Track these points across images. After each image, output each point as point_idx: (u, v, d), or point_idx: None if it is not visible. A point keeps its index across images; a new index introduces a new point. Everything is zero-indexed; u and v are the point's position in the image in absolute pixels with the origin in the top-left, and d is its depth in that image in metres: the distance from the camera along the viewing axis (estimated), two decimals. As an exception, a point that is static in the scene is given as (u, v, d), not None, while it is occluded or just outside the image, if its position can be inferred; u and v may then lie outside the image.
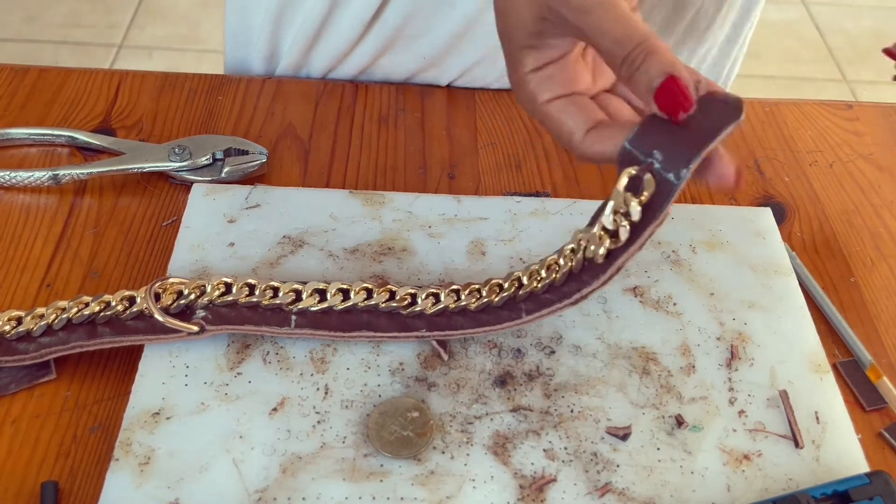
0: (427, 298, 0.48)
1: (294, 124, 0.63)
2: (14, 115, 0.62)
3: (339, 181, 0.59)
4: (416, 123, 0.64)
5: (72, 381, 0.47)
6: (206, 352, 0.47)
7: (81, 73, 0.66)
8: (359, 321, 0.48)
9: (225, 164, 0.58)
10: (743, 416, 0.46)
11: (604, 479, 0.43)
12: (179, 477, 0.42)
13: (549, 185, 0.60)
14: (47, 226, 0.55)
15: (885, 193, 0.61)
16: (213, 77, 0.66)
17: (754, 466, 0.44)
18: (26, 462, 0.43)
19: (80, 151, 0.60)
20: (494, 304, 0.48)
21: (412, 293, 0.48)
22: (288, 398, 0.45)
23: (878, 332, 0.52)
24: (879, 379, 0.49)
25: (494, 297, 0.48)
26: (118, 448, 0.43)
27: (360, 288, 0.49)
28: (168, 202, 0.57)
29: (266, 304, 0.48)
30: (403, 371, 0.47)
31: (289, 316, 0.48)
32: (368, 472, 0.43)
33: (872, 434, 0.47)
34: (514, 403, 0.46)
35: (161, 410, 0.44)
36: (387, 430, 0.44)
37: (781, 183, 0.61)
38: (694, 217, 0.56)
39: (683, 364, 0.48)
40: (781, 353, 0.49)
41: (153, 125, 0.62)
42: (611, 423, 0.45)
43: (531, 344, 0.49)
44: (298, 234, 0.53)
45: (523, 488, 0.43)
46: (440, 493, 0.42)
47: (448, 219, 0.55)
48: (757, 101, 0.68)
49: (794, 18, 0.82)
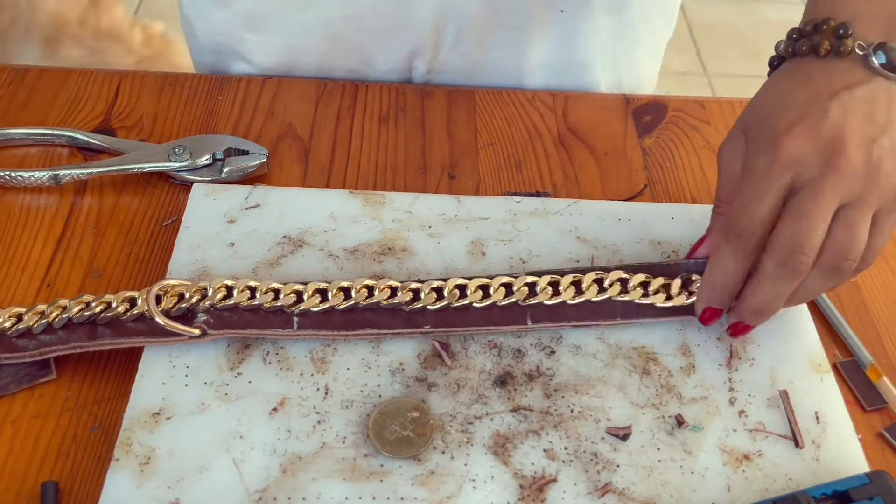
0: (430, 293, 0.48)
1: (294, 124, 0.63)
2: (14, 115, 0.62)
3: (339, 181, 0.59)
4: (416, 123, 0.64)
5: (72, 381, 0.47)
6: (207, 352, 0.47)
7: (82, 73, 0.66)
8: (362, 319, 0.48)
9: (225, 164, 0.58)
10: (743, 416, 0.46)
11: (604, 479, 0.43)
12: (180, 477, 0.42)
13: (549, 185, 0.60)
14: (48, 226, 0.55)
15: (885, 193, 0.61)
16: (213, 77, 0.66)
17: (754, 466, 0.44)
18: (26, 462, 0.43)
19: (81, 151, 0.60)
20: (499, 304, 0.48)
21: (414, 289, 0.49)
22: (288, 398, 0.45)
23: (878, 332, 0.52)
24: (879, 379, 0.49)
25: (500, 299, 0.48)
26: (118, 448, 0.43)
27: (361, 286, 0.49)
28: (168, 202, 0.57)
29: (268, 306, 0.48)
30: (404, 371, 0.47)
31: (291, 318, 0.48)
32: (369, 472, 0.43)
33: (872, 434, 0.47)
34: (515, 403, 0.46)
35: (161, 410, 0.44)
36: (387, 430, 0.44)
37: (781, 183, 0.61)
38: (694, 217, 0.56)
39: (684, 364, 0.48)
40: (781, 353, 0.49)
41: (153, 125, 0.62)
42: (611, 423, 0.45)
43: (531, 344, 0.49)
44: (298, 234, 0.53)
45: (523, 488, 0.43)
46: (440, 493, 0.42)
47: (448, 219, 0.55)
48: (757, 101, 0.68)
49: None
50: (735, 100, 0.68)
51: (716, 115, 0.66)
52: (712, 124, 0.66)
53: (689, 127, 0.65)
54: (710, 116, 0.66)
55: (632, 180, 0.61)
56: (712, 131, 0.65)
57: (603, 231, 0.55)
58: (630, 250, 0.54)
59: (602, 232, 0.55)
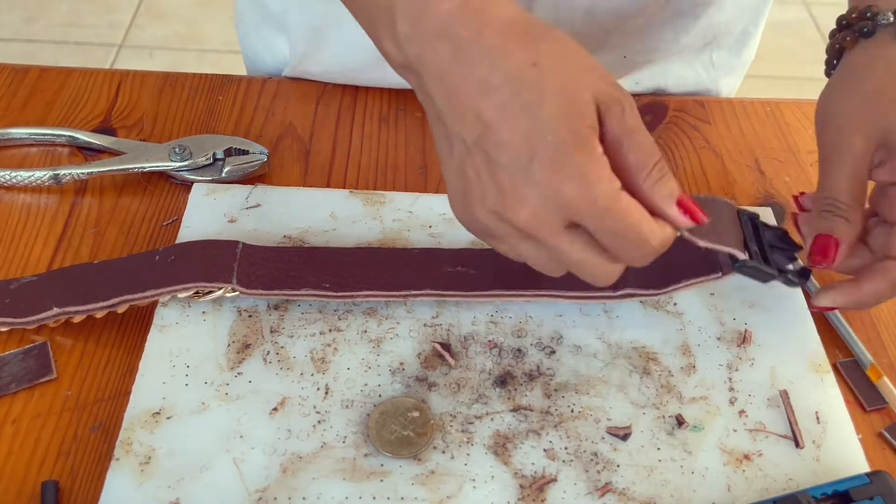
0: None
1: (294, 124, 0.63)
2: (15, 115, 0.62)
3: (339, 181, 0.59)
4: (416, 123, 0.64)
5: (72, 380, 0.47)
6: (207, 351, 0.47)
7: (82, 72, 0.66)
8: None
9: (225, 163, 0.58)
10: (743, 416, 0.46)
11: (604, 479, 0.43)
12: (180, 476, 0.42)
13: (549, 185, 0.60)
14: (48, 225, 0.55)
15: (885, 193, 0.61)
16: (213, 77, 0.66)
17: (754, 466, 0.44)
18: (27, 462, 0.43)
19: (81, 151, 0.60)
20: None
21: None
22: (288, 398, 0.45)
23: (879, 332, 0.52)
24: (880, 379, 0.49)
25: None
26: (119, 448, 0.43)
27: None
28: (168, 202, 0.57)
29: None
30: (404, 371, 0.47)
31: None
32: (369, 472, 0.43)
33: (873, 434, 0.47)
34: (515, 403, 0.46)
35: (161, 410, 0.44)
36: (387, 429, 0.44)
37: (782, 182, 0.61)
38: (694, 217, 0.56)
39: (684, 364, 0.48)
40: (782, 352, 0.49)
41: (153, 125, 0.62)
42: (611, 423, 0.45)
43: (531, 344, 0.49)
44: (298, 234, 0.53)
45: (524, 488, 0.43)
46: (440, 493, 0.42)
47: (448, 218, 0.55)
48: (758, 101, 0.68)
49: (794, 18, 0.82)
50: (735, 100, 0.68)
51: (716, 115, 0.66)
52: (712, 124, 0.66)
53: (689, 127, 0.65)
54: (710, 116, 0.66)
55: (632, 180, 0.60)
56: (712, 131, 0.65)
57: (603, 231, 0.55)
58: (630, 250, 0.54)
59: (602, 232, 0.55)
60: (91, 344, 0.48)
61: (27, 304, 0.48)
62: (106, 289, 0.48)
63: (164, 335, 0.47)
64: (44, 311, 0.47)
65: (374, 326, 0.49)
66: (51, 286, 0.48)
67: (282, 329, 0.48)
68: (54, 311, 0.47)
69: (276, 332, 0.48)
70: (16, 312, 0.47)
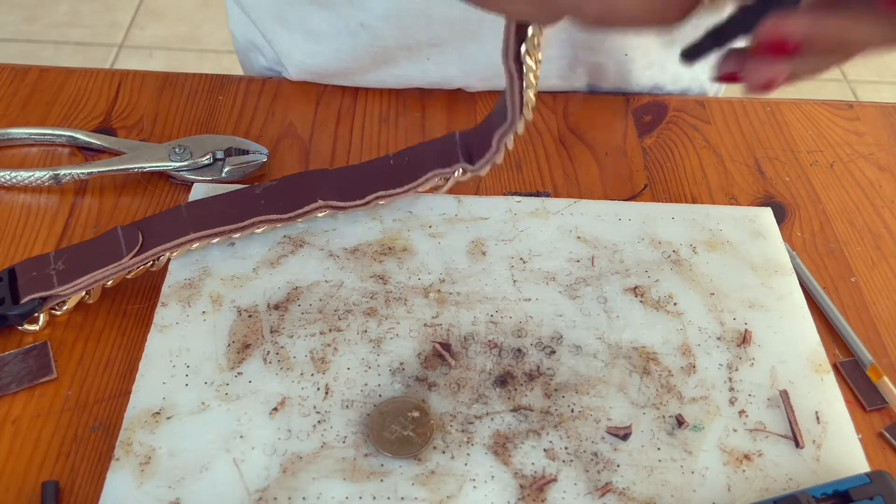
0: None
1: (294, 124, 0.63)
2: (14, 115, 0.62)
3: (339, 181, 0.59)
4: (416, 123, 0.64)
5: (72, 380, 0.47)
6: (207, 351, 0.47)
7: (82, 72, 0.66)
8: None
9: (225, 163, 0.58)
10: (743, 416, 0.46)
11: (604, 479, 0.43)
12: (180, 476, 0.42)
13: (549, 185, 0.60)
14: (48, 226, 0.55)
15: (885, 193, 0.61)
16: (213, 77, 0.66)
17: (755, 466, 0.44)
18: (27, 462, 0.43)
19: (81, 151, 0.60)
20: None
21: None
22: (288, 398, 0.45)
23: (879, 332, 0.52)
24: (880, 379, 0.49)
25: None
26: (119, 448, 0.43)
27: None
28: (169, 202, 0.57)
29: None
30: (404, 371, 0.47)
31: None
32: (369, 472, 0.43)
33: (873, 434, 0.47)
34: (515, 403, 0.46)
35: (161, 410, 0.44)
36: (387, 429, 0.44)
37: (782, 183, 0.61)
38: (695, 217, 0.56)
39: (684, 364, 0.48)
40: (782, 352, 0.49)
41: (153, 125, 0.62)
42: (611, 423, 0.45)
43: (531, 344, 0.49)
44: (298, 234, 0.53)
45: (524, 488, 0.43)
46: (441, 493, 0.42)
47: (448, 218, 0.55)
48: (757, 101, 0.68)
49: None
50: (735, 100, 0.68)
51: (716, 115, 0.66)
52: (712, 124, 0.66)
53: (690, 127, 0.65)
54: (710, 116, 0.66)
55: (632, 180, 0.61)
56: (712, 131, 0.65)
57: (603, 231, 0.55)
58: (630, 250, 0.54)
59: (602, 232, 0.55)
60: (91, 344, 0.48)
61: (292, 198, 0.53)
62: (361, 188, 0.53)
63: (164, 335, 0.48)
64: (309, 204, 0.52)
65: (374, 326, 0.49)
66: (312, 181, 0.53)
67: (282, 329, 0.48)
68: (319, 203, 0.52)
69: (276, 332, 0.48)
70: (279, 209, 0.52)
